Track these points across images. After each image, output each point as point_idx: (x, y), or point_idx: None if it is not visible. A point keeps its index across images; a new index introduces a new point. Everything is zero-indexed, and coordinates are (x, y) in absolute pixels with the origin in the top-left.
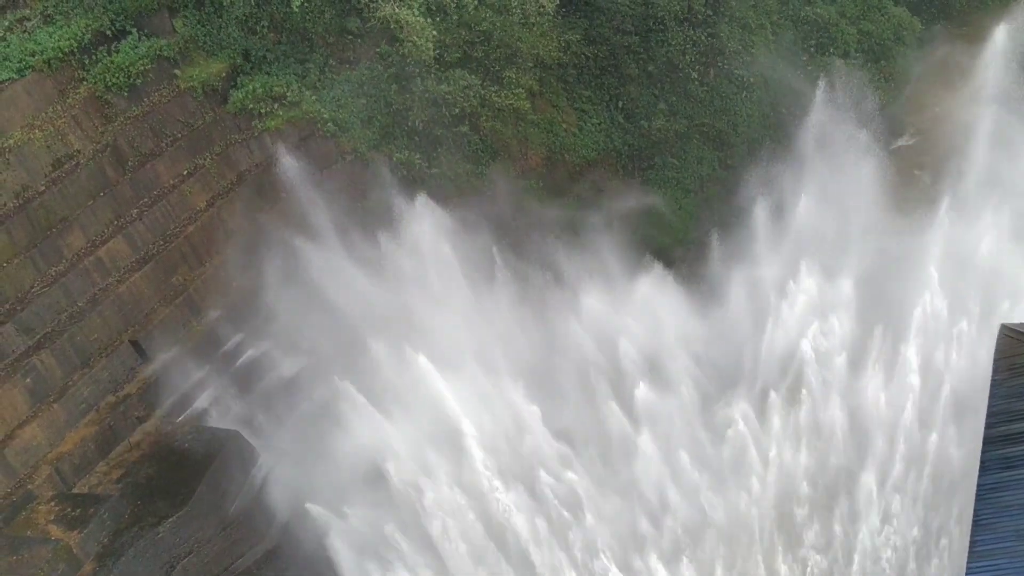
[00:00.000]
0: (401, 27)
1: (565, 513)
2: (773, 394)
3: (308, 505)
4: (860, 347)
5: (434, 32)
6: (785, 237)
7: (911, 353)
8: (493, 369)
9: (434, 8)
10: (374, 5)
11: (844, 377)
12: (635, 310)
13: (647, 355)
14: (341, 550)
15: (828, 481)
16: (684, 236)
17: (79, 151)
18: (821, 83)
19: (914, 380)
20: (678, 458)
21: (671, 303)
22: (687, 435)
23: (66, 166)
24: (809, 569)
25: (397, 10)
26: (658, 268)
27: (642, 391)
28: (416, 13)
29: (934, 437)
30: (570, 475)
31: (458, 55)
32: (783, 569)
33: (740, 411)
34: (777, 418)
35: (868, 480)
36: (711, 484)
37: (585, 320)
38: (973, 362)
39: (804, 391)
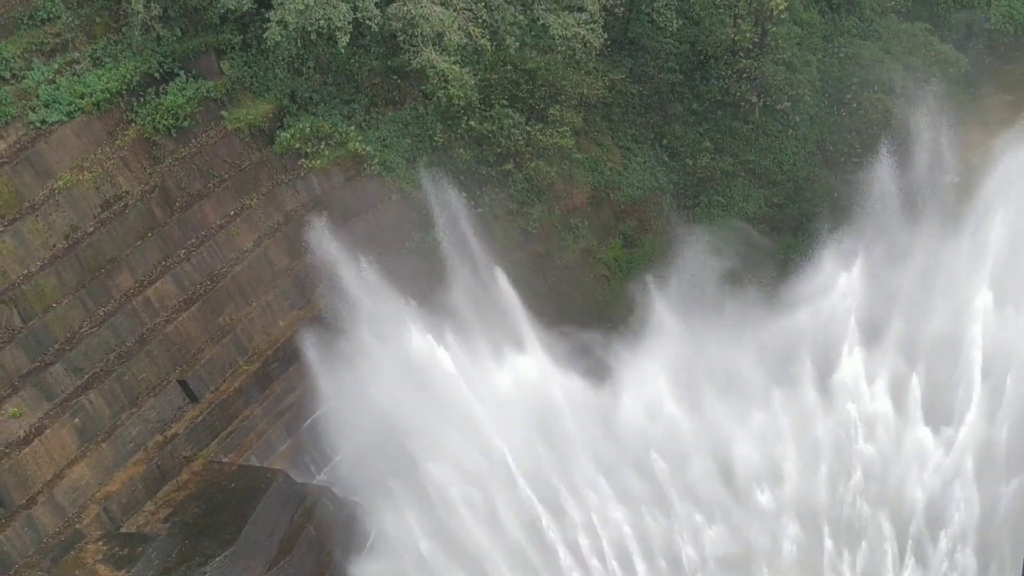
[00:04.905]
0: (437, 75)
1: None
2: None
3: None
4: None
5: (471, 80)
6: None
7: None
8: None
9: (479, 48)
10: (413, 50)
11: None
12: None
13: None
14: None
15: None
16: None
17: (127, 192)
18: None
19: None
20: None
21: None
22: None
23: (114, 207)
24: None
25: (435, 56)
26: None
27: None
28: (451, 60)
29: None
30: None
31: (503, 94)
32: None
33: None
34: None
35: None
36: None
37: None
38: None
39: None
